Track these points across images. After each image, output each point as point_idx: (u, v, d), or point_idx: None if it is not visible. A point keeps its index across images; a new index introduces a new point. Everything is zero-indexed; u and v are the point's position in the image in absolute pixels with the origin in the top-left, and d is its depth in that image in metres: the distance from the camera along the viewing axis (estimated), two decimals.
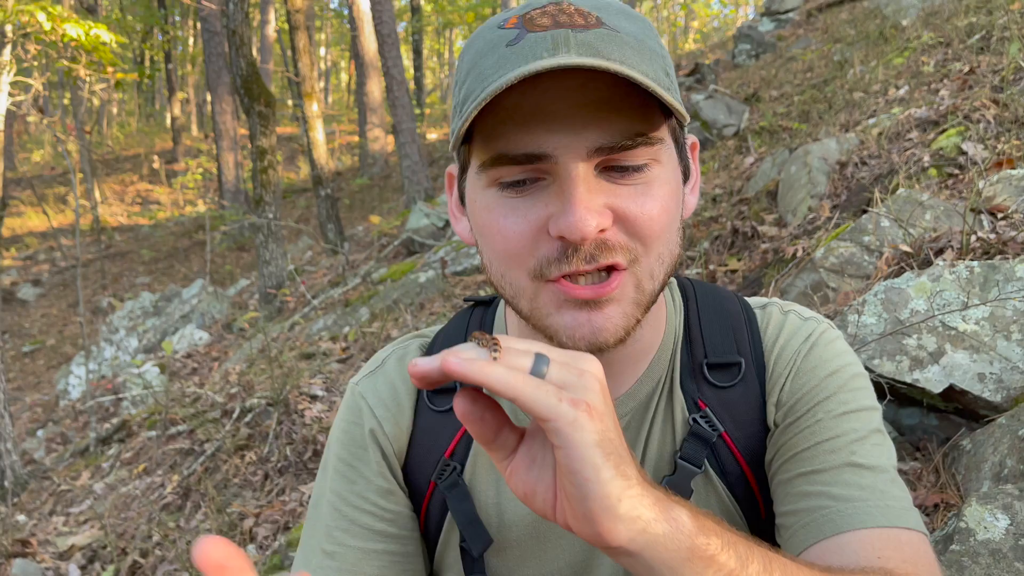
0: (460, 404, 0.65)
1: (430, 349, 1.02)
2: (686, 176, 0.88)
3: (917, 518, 0.85)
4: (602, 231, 0.77)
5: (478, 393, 0.66)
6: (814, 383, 0.92)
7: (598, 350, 0.79)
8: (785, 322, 0.97)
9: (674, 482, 0.90)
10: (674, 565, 0.63)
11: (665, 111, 0.79)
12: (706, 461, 0.92)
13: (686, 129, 0.89)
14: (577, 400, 0.61)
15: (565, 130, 0.75)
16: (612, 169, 0.78)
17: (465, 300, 1.08)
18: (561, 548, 0.95)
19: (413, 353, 1.02)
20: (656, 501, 0.64)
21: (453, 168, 0.91)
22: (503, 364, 0.61)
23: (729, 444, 0.93)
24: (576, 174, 0.75)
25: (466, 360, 0.60)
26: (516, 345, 0.64)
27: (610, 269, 0.79)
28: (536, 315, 0.82)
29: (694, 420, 0.92)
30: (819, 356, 0.94)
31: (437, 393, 0.96)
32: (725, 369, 0.94)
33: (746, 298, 1.02)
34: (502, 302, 1.03)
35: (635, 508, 0.62)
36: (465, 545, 0.93)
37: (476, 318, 1.04)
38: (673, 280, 1.02)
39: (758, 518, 0.95)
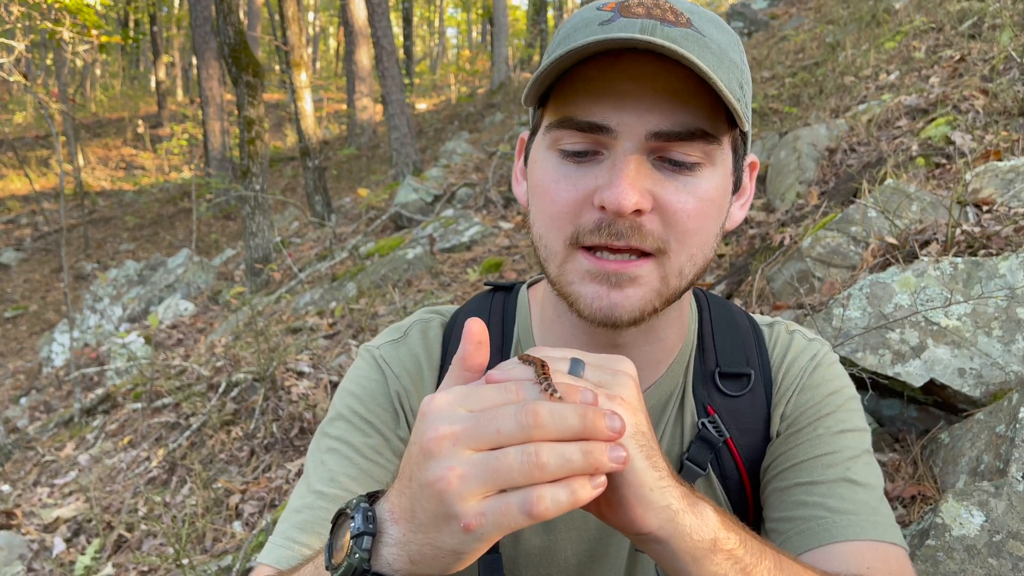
0: None
1: (450, 329, 1.05)
2: (737, 187, 0.92)
3: (900, 534, 0.91)
4: (639, 212, 0.80)
5: None
6: (817, 400, 0.98)
7: (612, 325, 0.84)
8: (791, 341, 1.03)
9: None
10: (697, 555, 0.68)
11: (730, 121, 0.84)
12: (709, 464, 0.97)
13: (749, 146, 0.93)
14: (612, 396, 0.64)
15: (630, 110, 0.80)
16: (665, 161, 0.82)
17: (486, 283, 1.11)
18: (570, 539, 0.99)
19: (435, 330, 1.05)
20: (684, 494, 0.68)
21: (526, 133, 0.96)
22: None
23: (732, 450, 0.98)
24: (630, 153, 0.80)
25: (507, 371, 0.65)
26: (553, 353, 0.68)
27: (639, 254, 0.83)
28: (562, 280, 0.86)
29: (703, 424, 0.97)
30: (822, 375, 1.00)
31: None
32: (735, 379, 1.00)
33: (751, 314, 1.08)
34: (523, 288, 1.07)
35: (665, 498, 0.65)
36: None
37: (497, 303, 1.07)
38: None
39: (746, 522, 0.99)
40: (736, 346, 1.02)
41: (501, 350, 1.02)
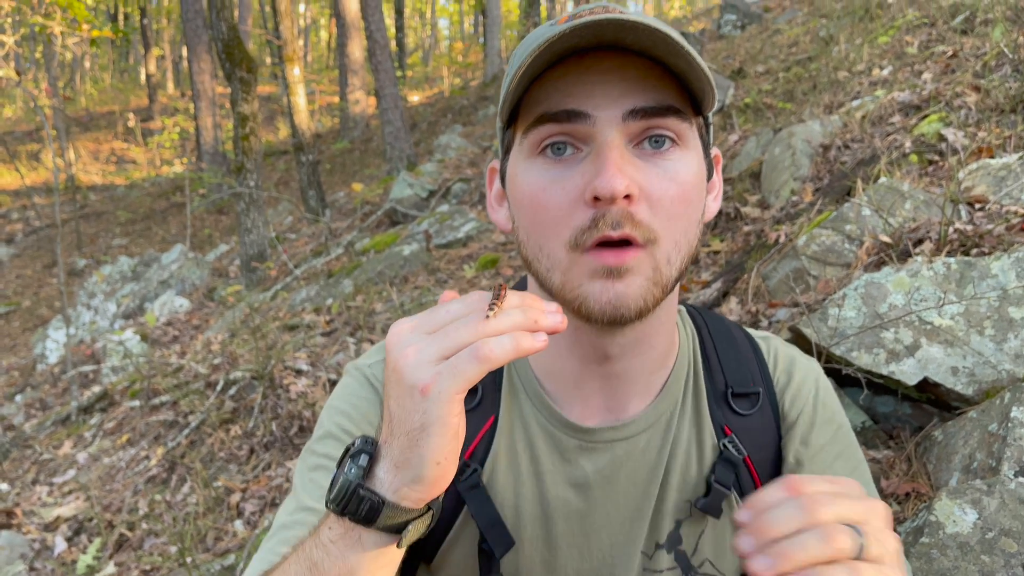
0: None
1: None
2: (708, 175, 0.94)
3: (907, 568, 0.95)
4: (629, 197, 0.82)
5: None
6: (827, 437, 1.04)
7: (619, 320, 0.85)
8: (793, 363, 1.07)
9: (708, 503, 0.98)
10: None
11: (695, 109, 0.87)
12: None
13: (712, 137, 0.95)
14: None
15: (603, 95, 0.83)
16: (643, 146, 0.84)
17: None
18: (571, 556, 0.99)
19: None
20: None
21: (495, 163, 0.98)
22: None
23: (750, 467, 1.00)
24: (612, 139, 0.82)
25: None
26: None
27: (630, 244, 0.85)
28: (568, 286, 0.86)
29: (724, 445, 0.99)
30: (826, 405, 1.05)
31: None
32: (746, 398, 1.02)
33: (743, 327, 1.10)
34: None
35: None
36: (486, 546, 0.96)
37: None
38: (681, 307, 1.07)
39: None
40: (741, 364, 1.04)
41: (494, 376, 1.02)
